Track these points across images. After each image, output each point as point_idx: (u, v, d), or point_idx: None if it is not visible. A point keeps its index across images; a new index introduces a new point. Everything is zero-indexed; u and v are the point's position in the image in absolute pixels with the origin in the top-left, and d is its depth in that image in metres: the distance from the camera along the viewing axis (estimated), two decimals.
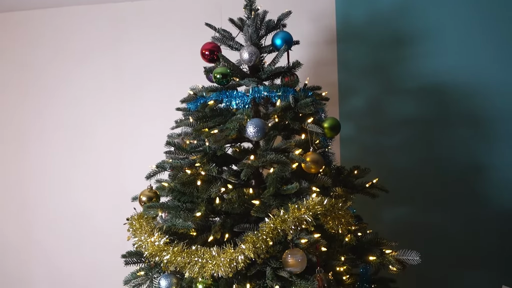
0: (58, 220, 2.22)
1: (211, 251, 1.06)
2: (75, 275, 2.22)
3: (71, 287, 2.22)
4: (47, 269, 2.24)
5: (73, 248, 2.21)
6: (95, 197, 2.18)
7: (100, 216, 2.17)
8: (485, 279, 1.95)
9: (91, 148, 2.18)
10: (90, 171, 2.18)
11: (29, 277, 2.28)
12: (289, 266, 1.05)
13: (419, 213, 2.01)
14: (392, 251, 1.24)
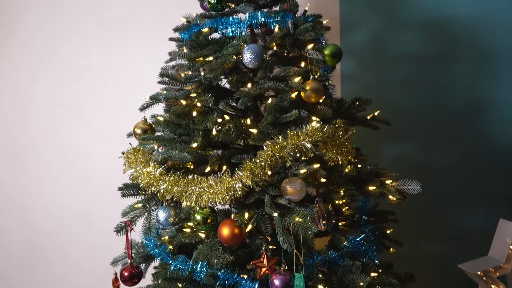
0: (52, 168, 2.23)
1: (208, 180, 1.03)
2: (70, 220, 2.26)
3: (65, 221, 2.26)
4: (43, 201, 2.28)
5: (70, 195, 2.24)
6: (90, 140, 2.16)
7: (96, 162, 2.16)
8: (484, 214, 1.98)
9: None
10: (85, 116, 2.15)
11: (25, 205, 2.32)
12: (288, 194, 1.03)
13: (420, 151, 2.00)
14: (393, 181, 1.22)
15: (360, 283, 1.09)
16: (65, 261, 2.35)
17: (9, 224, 2.43)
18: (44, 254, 2.37)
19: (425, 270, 2.05)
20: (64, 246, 2.36)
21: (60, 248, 2.36)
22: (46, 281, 2.42)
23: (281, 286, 1.00)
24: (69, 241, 2.34)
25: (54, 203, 2.34)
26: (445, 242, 2.06)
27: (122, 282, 1.24)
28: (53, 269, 2.40)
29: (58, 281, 2.40)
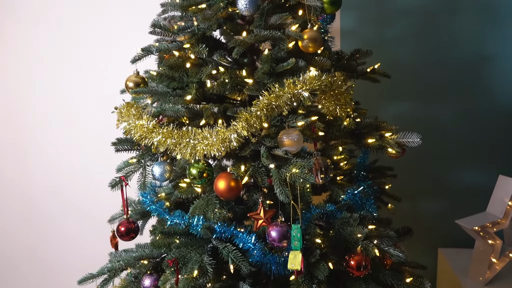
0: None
1: (202, 131, 1.00)
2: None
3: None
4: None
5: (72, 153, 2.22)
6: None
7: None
8: (483, 171, 1.97)
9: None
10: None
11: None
12: (284, 146, 1.01)
13: (420, 108, 1.97)
14: (392, 134, 1.20)
15: (357, 235, 1.08)
16: (65, 219, 2.37)
17: (10, 184, 2.42)
18: (44, 213, 2.39)
19: (423, 226, 2.05)
20: (64, 205, 2.37)
21: (60, 206, 2.37)
22: (46, 238, 2.45)
23: (278, 237, 0.99)
24: (69, 200, 2.35)
25: (55, 161, 2.32)
26: (444, 199, 2.07)
27: (119, 237, 1.23)
28: (53, 226, 2.42)
29: (58, 238, 2.42)
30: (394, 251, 1.08)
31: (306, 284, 1.11)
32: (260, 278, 1.26)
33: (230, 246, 1.08)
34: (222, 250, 1.08)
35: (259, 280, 1.24)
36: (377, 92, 1.91)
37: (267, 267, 1.06)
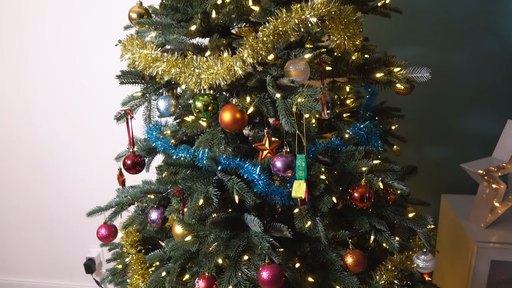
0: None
1: (207, 60, 0.98)
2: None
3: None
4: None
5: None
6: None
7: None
8: (492, 116, 1.95)
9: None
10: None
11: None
12: (291, 76, 0.99)
13: (431, 53, 1.92)
14: (401, 69, 1.17)
15: (362, 169, 1.08)
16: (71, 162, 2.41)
17: (15, 137, 2.46)
18: (49, 161, 2.43)
19: (427, 172, 2.06)
20: (68, 157, 2.40)
21: (64, 158, 2.41)
22: (53, 182, 2.50)
23: (283, 167, 0.99)
24: (73, 151, 2.39)
25: (57, 113, 2.35)
26: (450, 144, 2.06)
27: (125, 170, 1.25)
28: (59, 172, 2.47)
29: (65, 180, 2.48)
30: (398, 184, 1.09)
31: (309, 217, 1.13)
32: (264, 214, 1.28)
33: (235, 178, 1.09)
34: (227, 182, 1.09)
35: (263, 215, 1.27)
36: (386, 34, 1.86)
37: (271, 198, 1.07)
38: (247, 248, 1.05)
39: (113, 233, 1.33)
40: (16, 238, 2.74)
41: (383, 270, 1.18)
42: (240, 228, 1.12)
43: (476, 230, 1.73)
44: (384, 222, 1.19)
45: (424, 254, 1.27)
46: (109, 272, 1.51)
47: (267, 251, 1.00)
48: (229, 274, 1.03)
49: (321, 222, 1.13)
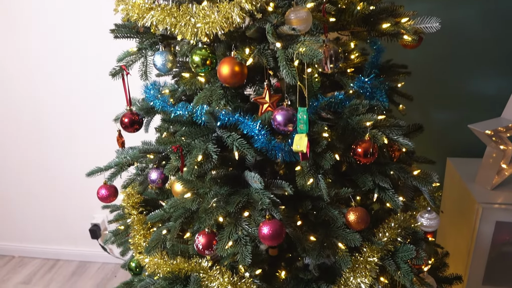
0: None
1: (204, 9, 0.93)
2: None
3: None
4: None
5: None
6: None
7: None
8: (503, 74, 1.90)
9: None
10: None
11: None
12: (292, 24, 0.94)
13: (439, 9, 1.84)
14: (409, 19, 1.11)
15: (366, 123, 1.05)
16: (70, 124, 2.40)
17: (17, 102, 2.44)
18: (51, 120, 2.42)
19: (432, 136, 2.03)
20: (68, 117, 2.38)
21: (65, 118, 2.39)
22: (53, 145, 2.50)
23: (283, 120, 0.96)
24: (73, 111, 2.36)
25: (57, 77, 2.31)
26: (457, 105, 2.01)
27: (123, 129, 1.22)
28: (62, 139, 2.46)
29: (65, 141, 2.47)
30: (404, 140, 1.05)
31: (311, 174, 1.11)
32: (266, 174, 1.26)
33: (235, 134, 1.06)
34: (226, 138, 1.06)
35: (265, 175, 1.24)
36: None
37: (272, 154, 1.04)
38: (247, 205, 1.03)
39: (113, 193, 1.32)
40: (22, 206, 2.77)
41: (386, 228, 1.16)
42: (240, 186, 1.10)
43: (482, 192, 1.71)
44: (388, 180, 1.17)
45: (428, 213, 1.25)
46: (112, 233, 1.50)
47: (268, 206, 0.98)
48: (229, 230, 1.01)
49: (323, 180, 1.11)
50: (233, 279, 1.09)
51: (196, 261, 1.12)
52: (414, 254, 1.10)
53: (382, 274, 1.15)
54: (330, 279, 1.18)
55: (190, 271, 1.12)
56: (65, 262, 2.83)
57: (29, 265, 2.80)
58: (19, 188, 2.71)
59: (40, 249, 2.86)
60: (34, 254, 2.88)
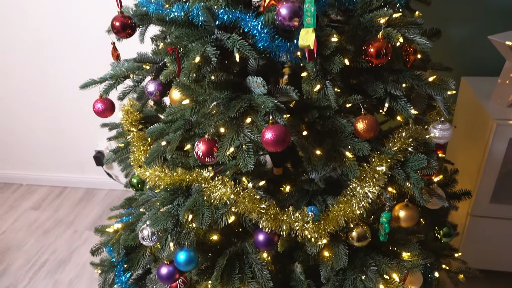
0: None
1: None
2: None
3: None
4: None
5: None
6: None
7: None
8: None
9: None
10: None
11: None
12: None
13: None
14: None
15: (379, 21, 0.95)
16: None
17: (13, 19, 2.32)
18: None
19: (448, 51, 1.91)
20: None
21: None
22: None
23: (288, 14, 0.86)
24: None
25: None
26: (474, 19, 1.87)
27: (115, 34, 1.13)
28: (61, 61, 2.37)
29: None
30: (421, 39, 0.96)
31: (318, 80, 1.03)
32: (270, 82, 1.18)
33: (235, 36, 0.96)
34: (226, 40, 0.97)
35: (268, 82, 1.16)
36: None
37: (277, 56, 0.96)
38: (249, 111, 0.97)
39: (109, 107, 1.26)
40: (27, 135, 2.75)
41: (397, 138, 1.10)
42: (241, 93, 1.03)
43: (497, 109, 1.63)
44: (401, 87, 1.09)
45: (442, 123, 1.18)
46: (112, 151, 1.47)
47: (271, 110, 0.91)
48: (231, 137, 0.96)
49: (331, 86, 1.03)
50: (236, 189, 1.05)
51: (197, 171, 1.08)
52: (425, 164, 1.05)
53: (390, 185, 1.11)
54: (336, 192, 1.15)
55: (191, 182, 1.09)
56: (72, 189, 2.86)
57: (37, 193, 2.84)
58: (23, 116, 2.67)
59: (47, 176, 2.88)
60: (42, 182, 2.91)
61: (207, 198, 1.06)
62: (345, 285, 1.18)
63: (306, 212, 1.07)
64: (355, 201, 1.07)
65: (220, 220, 1.06)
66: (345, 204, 1.08)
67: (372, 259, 1.18)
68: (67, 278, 2.13)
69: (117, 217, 1.52)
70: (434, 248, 1.43)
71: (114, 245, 1.37)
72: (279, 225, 1.07)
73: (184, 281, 1.24)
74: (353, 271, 1.19)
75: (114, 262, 1.44)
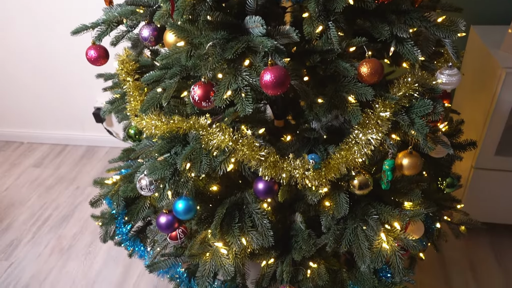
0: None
1: None
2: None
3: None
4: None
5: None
6: None
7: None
8: None
9: None
10: None
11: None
12: None
13: None
14: None
15: None
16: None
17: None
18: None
19: None
20: None
21: None
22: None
23: None
24: None
25: None
26: None
27: None
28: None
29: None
30: None
31: (320, 21, 0.98)
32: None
33: None
34: None
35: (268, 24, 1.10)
36: None
37: None
38: (247, 52, 0.92)
39: (103, 54, 1.21)
40: (26, 93, 2.70)
41: (402, 83, 1.05)
42: (239, 34, 0.97)
43: (507, 57, 1.57)
44: (408, 29, 1.03)
45: (449, 69, 1.13)
46: (108, 103, 1.43)
47: (270, 50, 0.86)
48: (228, 80, 0.91)
49: (334, 27, 0.98)
50: (234, 136, 1.02)
51: (195, 119, 1.04)
52: (430, 109, 1.01)
53: (394, 132, 1.07)
54: (338, 141, 1.11)
55: (188, 129, 1.05)
56: (73, 147, 2.85)
57: (38, 150, 2.83)
58: (21, 75, 2.62)
59: (48, 134, 2.87)
60: (42, 140, 2.89)
61: (205, 146, 1.03)
62: (346, 234, 1.18)
63: (307, 159, 1.05)
64: (357, 148, 1.04)
65: (218, 168, 1.04)
66: (347, 151, 1.05)
67: (373, 208, 1.16)
68: (71, 232, 2.15)
69: (116, 169, 1.51)
70: (436, 199, 1.42)
71: (113, 197, 1.36)
72: (279, 173, 1.05)
73: (184, 231, 1.24)
74: (353, 220, 1.18)
75: (114, 214, 1.44)
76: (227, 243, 1.16)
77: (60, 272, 1.93)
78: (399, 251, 1.12)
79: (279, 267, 1.24)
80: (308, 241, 1.19)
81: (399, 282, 1.28)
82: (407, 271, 1.28)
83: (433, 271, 1.85)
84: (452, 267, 1.87)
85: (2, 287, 1.87)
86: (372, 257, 1.13)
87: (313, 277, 1.24)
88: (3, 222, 2.23)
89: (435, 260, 1.90)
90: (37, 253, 2.03)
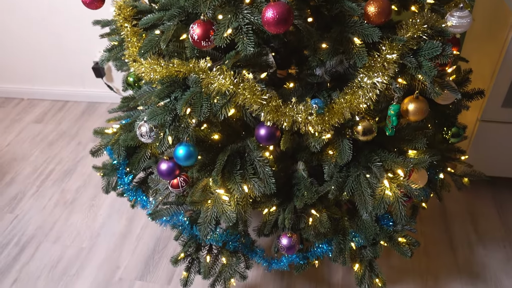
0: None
1: None
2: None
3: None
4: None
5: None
6: None
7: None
8: None
9: None
10: None
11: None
12: None
13: None
14: None
15: None
16: None
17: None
18: None
19: None
20: None
21: None
22: None
23: None
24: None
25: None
26: None
27: None
28: None
29: None
30: None
31: None
32: None
33: None
34: None
35: None
36: None
37: None
38: None
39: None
40: (25, 48, 2.64)
41: (410, 24, 1.01)
42: None
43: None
44: None
45: (460, 10, 1.08)
46: (106, 51, 1.39)
47: None
48: (229, 18, 0.87)
49: None
50: (235, 80, 0.99)
51: (194, 61, 1.01)
52: (439, 51, 0.97)
53: (400, 76, 1.04)
54: (342, 88, 1.08)
55: (188, 72, 1.02)
56: (74, 103, 2.82)
57: (39, 107, 2.81)
58: (19, 30, 2.55)
59: (48, 90, 2.83)
60: (43, 96, 2.86)
61: (205, 90, 1.01)
62: (348, 181, 1.17)
63: (310, 104, 1.02)
64: (362, 92, 1.01)
65: (219, 112, 1.02)
66: (351, 95, 1.02)
67: (377, 155, 1.15)
68: (74, 186, 2.16)
69: (116, 119, 1.49)
70: (441, 150, 1.40)
71: (114, 146, 1.34)
72: (281, 118, 1.02)
73: (186, 180, 1.24)
74: (356, 168, 1.17)
75: (116, 165, 1.44)
76: (228, 190, 1.15)
77: (65, 224, 1.96)
78: (401, 198, 1.11)
79: (281, 215, 1.24)
80: (310, 188, 1.19)
81: (401, 230, 1.29)
82: (409, 220, 1.28)
83: (434, 222, 1.87)
84: (454, 218, 1.88)
85: (8, 238, 1.90)
86: (375, 204, 1.13)
87: (315, 224, 1.24)
88: (7, 176, 2.24)
89: (436, 212, 1.91)
90: (42, 206, 2.05)
